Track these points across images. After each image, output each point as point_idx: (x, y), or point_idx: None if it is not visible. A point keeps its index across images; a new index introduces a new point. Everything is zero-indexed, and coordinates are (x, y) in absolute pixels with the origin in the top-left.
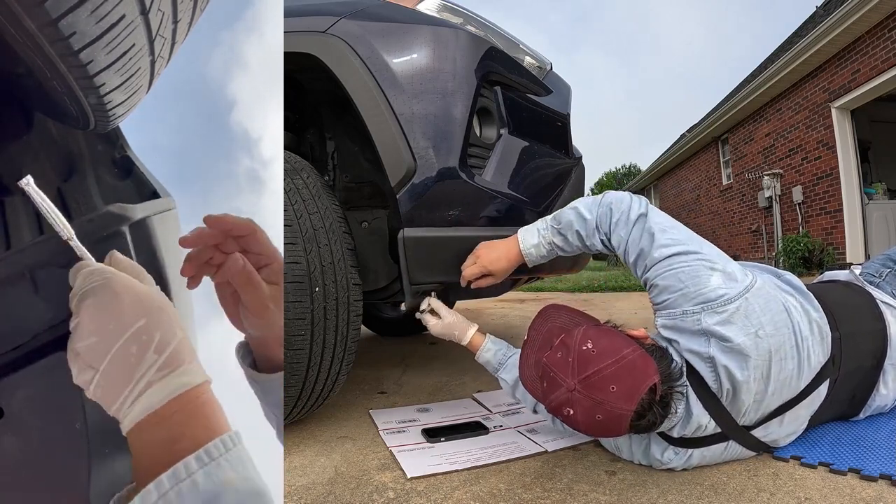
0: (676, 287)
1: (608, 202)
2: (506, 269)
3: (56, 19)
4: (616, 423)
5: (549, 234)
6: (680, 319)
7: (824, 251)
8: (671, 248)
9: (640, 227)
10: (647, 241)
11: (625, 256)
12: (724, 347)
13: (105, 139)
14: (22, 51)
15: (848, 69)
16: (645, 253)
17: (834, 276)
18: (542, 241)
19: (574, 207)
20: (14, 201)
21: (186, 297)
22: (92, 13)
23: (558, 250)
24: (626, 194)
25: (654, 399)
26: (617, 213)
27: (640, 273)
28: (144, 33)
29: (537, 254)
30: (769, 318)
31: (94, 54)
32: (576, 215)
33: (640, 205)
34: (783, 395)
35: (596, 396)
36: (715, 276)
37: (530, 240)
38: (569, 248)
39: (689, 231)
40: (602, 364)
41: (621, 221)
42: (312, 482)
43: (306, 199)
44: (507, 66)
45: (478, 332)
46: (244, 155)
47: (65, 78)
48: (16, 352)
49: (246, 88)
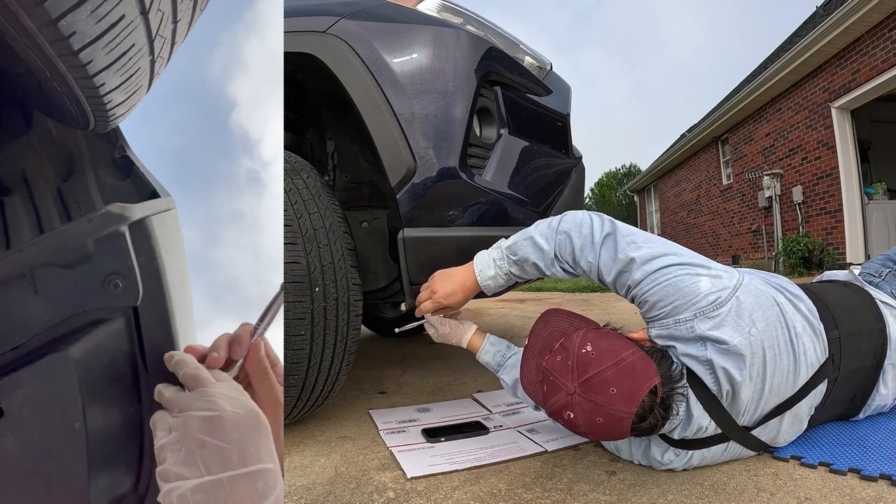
0: (667, 301)
1: (566, 229)
2: (462, 300)
3: (56, 19)
4: (617, 426)
5: (506, 264)
6: (674, 328)
7: (824, 251)
8: (651, 262)
9: (610, 249)
10: (623, 261)
11: (599, 279)
12: (721, 349)
13: (105, 139)
14: (22, 51)
15: (848, 69)
16: (622, 273)
17: (833, 276)
18: (498, 272)
19: (529, 238)
20: (14, 201)
21: (186, 298)
22: (92, 13)
23: (516, 279)
24: (585, 215)
25: (655, 401)
26: (578, 238)
27: (624, 293)
28: (144, 33)
29: (495, 284)
30: (760, 313)
31: (94, 54)
32: (532, 246)
33: (602, 225)
34: (781, 393)
35: (596, 399)
36: (703, 281)
37: (487, 272)
38: (527, 276)
39: (662, 240)
40: (602, 367)
41: (586, 247)
42: (312, 482)
43: (306, 199)
44: (507, 66)
45: (477, 332)
46: (244, 156)
47: (65, 78)
48: (16, 352)
49: (246, 89)
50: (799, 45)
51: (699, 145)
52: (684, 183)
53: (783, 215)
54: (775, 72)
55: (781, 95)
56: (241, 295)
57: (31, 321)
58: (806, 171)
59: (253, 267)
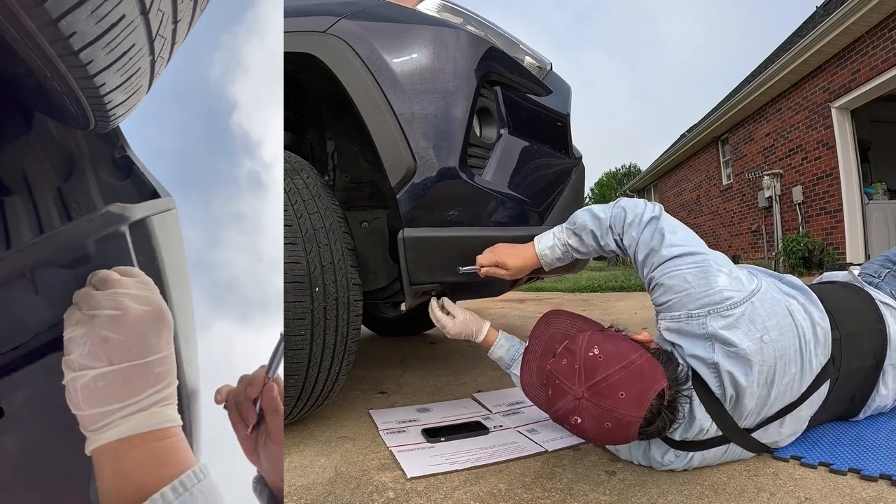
0: (682, 287)
1: (623, 205)
2: (520, 266)
3: (56, 19)
4: (625, 430)
5: (565, 235)
6: (685, 322)
7: (824, 251)
8: (680, 247)
9: (652, 228)
10: (657, 240)
11: (634, 256)
12: (729, 352)
13: (105, 139)
14: (22, 51)
15: (848, 69)
16: (653, 251)
17: (833, 276)
18: (556, 242)
19: (588, 209)
20: (14, 201)
21: (186, 298)
22: (92, 13)
23: (573, 252)
24: (640, 200)
25: (662, 404)
26: (631, 214)
27: (647, 272)
28: (144, 33)
29: (552, 255)
30: (774, 322)
31: (94, 54)
32: (590, 216)
33: (653, 209)
34: (785, 399)
35: (604, 404)
36: (721, 277)
37: (545, 241)
38: (584, 249)
39: (700, 240)
40: (610, 370)
41: (634, 223)
42: (312, 482)
43: (306, 199)
44: (507, 66)
45: (491, 328)
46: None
47: (65, 78)
48: (16, 352)
49: (246, 91)
50: (799, 45)
51: (699, 145)
52: (684, 183)
53: (783, 215)
54: (775, 72)
55: (781, 95)
56: (242, 296)
57: (31, 321)
58: (806, 171)
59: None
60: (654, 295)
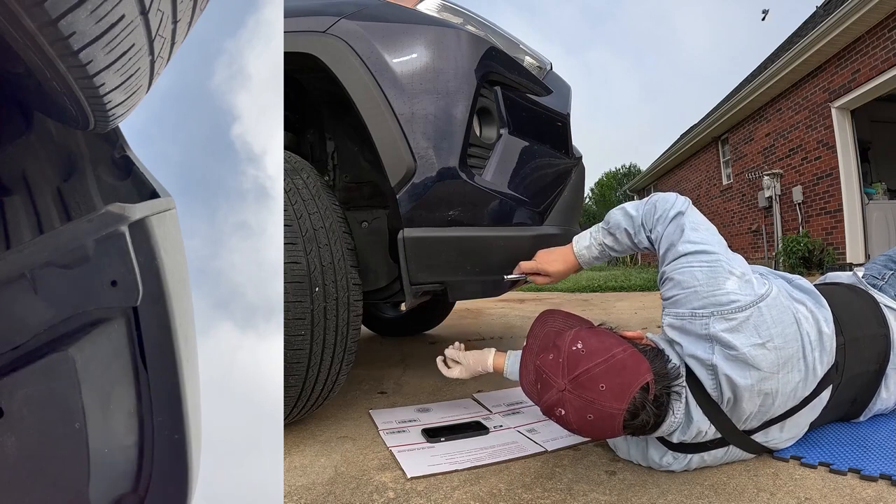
0: (690, 283)
1: (654, 200)
2: (561, 271)
3: (56, 19)
4: (609, 423)
5: (600, 235)
6: (688, 321)
7: (824, 251)
8: (696, 245)
9: (676, 223)
10: (677, 235)
11: (658, 251)
12: (728, 356)
13: (105, 139)
14: (22, 51)
15: (848, 69)
16: (672, 246)
17: (836, 277)
18: (592, 242)
19: (622, 207)
20: (14, 201)
21: (186, 298)
22: (92, 13)
23: (609, 251)
24: (672, 194)
25: (647, 398)
26: (660, 209)
27: (662, 266)
28: (144, 33)
29: (589, 255)
30: (779, 330)
31: (93, 54)
32: (623, 214)
33: (681, 203)
34: (787, 405)
35: (586, 395)
36: (731, 280)
37: (582, 242)
38: (619, 248)
39: (721, 240)
40: (591, 363)
41: (662, 218)
42: (312, 482)
43: (306, 199)
44: (507, 66)
45: (496, 354)
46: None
47: (65, 78)
48: (16, 352)
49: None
50: (799, 45)
51: (699, 145)
52: (684, 183)
53: (783, 215)
54: (775, 72)
55: (781, 95)
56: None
57: (31, 321)
58: (806, 171)
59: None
60: (664, 289)
